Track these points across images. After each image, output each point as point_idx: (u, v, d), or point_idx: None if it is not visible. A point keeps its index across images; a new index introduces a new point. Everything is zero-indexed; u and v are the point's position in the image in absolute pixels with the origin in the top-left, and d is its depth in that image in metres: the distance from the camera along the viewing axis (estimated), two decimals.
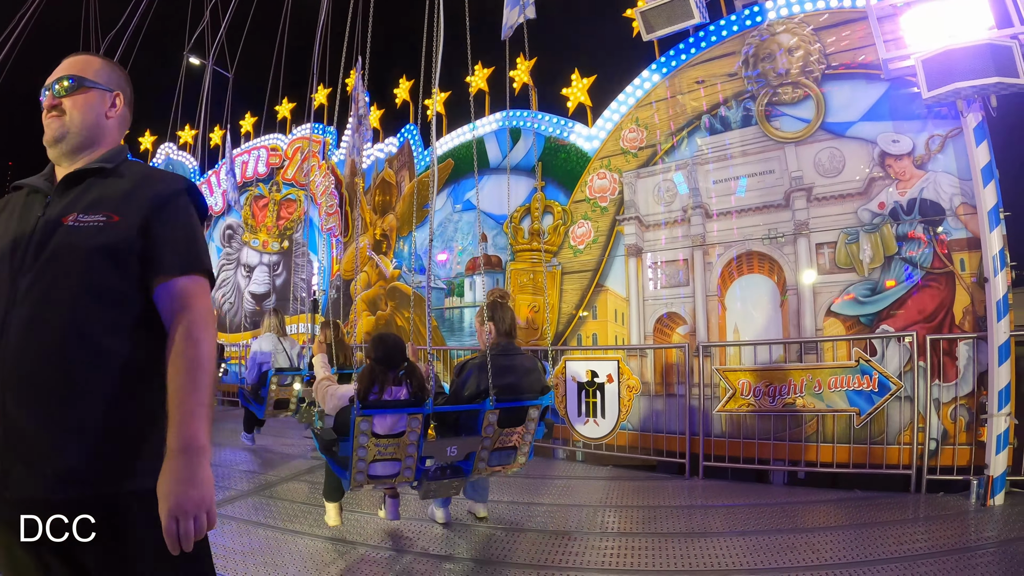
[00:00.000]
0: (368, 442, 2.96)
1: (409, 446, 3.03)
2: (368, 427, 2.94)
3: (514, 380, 3.31)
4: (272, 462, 5.99)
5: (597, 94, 6.61)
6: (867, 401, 4.85)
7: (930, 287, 4.88)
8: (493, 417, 3.10)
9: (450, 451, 3.13)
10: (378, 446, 3.00)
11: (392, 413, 3.10)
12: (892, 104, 5.15)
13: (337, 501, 3.82)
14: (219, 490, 5.04)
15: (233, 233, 9.78)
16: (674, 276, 5.88)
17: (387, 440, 3.04)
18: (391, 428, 3.11)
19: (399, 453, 3.04)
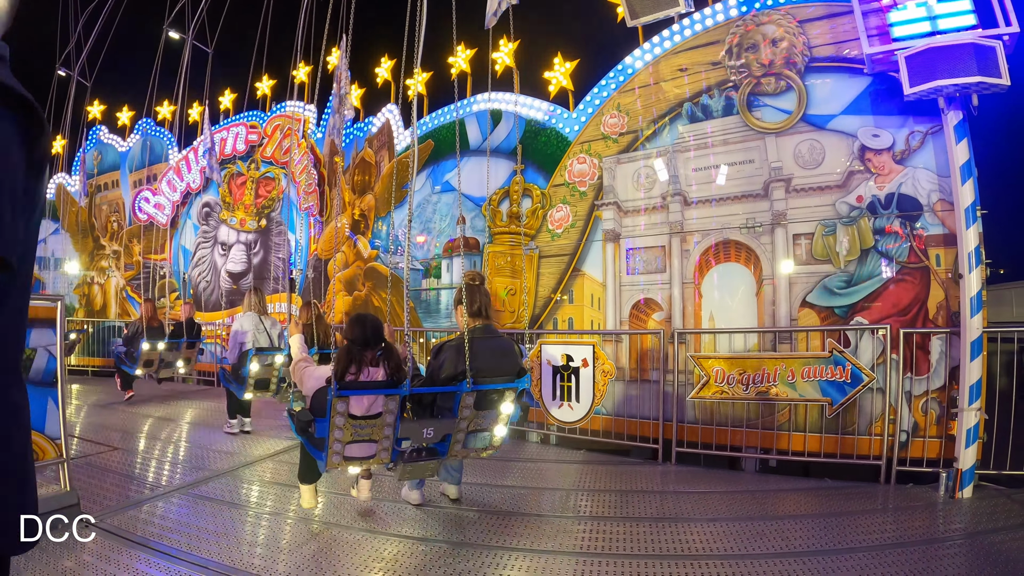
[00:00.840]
0: (344, 423, 2.87)
1: (386, 427, 2.95)
2: (345, 408, 2.85)
3: (490, 363, 3.21)
4: (249, 442, 5.66)
5: (579, 78, 6.32)
6: (839, 392, 4.70)
7: (905, 281, 4.73)
8: (470, 399, 3.01)
9: (426, 433, 3.06)
10: (355, 427, 2.91)
11: (369, 394, 3.02)
12: (874, 99, 4.97)
13: (312, 483, 3.68)
14: (194, 470, 4.78)
15: (210, 211, 9.26)
16: (651, 262, 5.66)
17: (364, 421, 2.95)
18: (368, 409, 3.02)
19: (375, 434, 2.95)
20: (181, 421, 6.62)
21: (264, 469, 4.82)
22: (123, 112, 10.27)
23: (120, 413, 6.95)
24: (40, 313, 3.56)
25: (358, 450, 3.00)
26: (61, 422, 3.58)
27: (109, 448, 5.32)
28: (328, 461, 2.95)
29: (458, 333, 3.27)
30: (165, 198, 9.48)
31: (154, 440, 5.76)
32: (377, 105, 7.92)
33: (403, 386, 2.95)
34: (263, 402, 7.30)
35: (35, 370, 3.45)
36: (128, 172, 10.11)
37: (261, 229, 8.72)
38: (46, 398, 3.50)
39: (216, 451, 5.36)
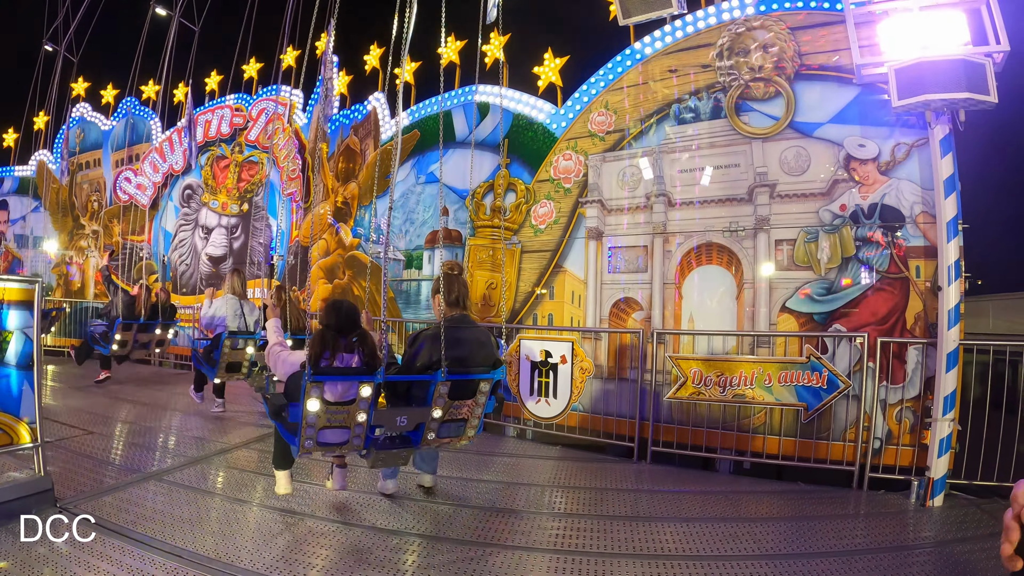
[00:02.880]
0: (318, 408, 2.77)
1: (359, 414, 2.86)
2: (319, 393, 2.75)
3: (466, 353, 3.09)
4: (224, 429, 5.30)
5: (569, 75, 6.00)
6: (815, 397, 4.56)
7: (884, 291, 4.60)
8: (444, 389, 2.91)
9: (400, 421, 2.95)
10: (328, 413, 2.81)
11: (343, 380, 2.92)
12: (862, 109, 4.81)
13: (287, 469, 3.54)
14: (168, 456, 4.45)
15: (192, 193, 8.73)
16: (633, 262, 5.45)
17: (337, 407, 2.84)
18: (341, 396, 2.92)
19: (348, 421, 2.85)
20: (156, 406, 6.14)
21: (238, 457, 4.47)
22: (107, 90, 9.68)
23: (96, 396, 6.49)
24: (17, 295, 3.29)
25: (331, 436, 2.89)
26: (36, 406, 3.31)
27: (84, 432, 4.89)
28: (301, 446, 2.84)
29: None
30: (147, 179, 9.05)
31: (129, 425, 5.33)
32: (364, 92, 7.55)
33: (377, 373, 2.83)
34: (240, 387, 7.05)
35: (11, 352, 3.22)
36: (111, 151, 9.58)
37: (243, 213, 8.35)
38: (22, 381, 3.27)
39: (191, 437, 4.99)
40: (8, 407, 3.19)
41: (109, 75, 9.70)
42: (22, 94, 8.98)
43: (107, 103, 9.86)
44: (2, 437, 3.14)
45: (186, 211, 8.91)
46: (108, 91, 9.80)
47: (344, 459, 3.64)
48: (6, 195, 10.61)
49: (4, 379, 3.19)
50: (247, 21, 7.23)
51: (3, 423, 3.18)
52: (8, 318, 3.24)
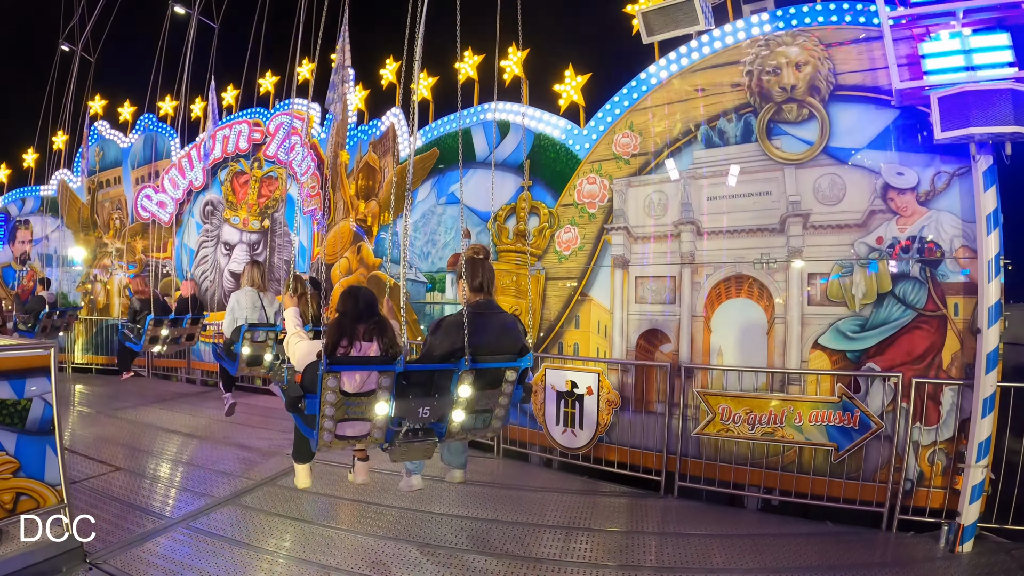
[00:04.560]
0: (336, 400, 2.72)
1: (378, 405, 2.80)
2: (336, 384, 2.70)
3: (491, 340, 3.01)
4: (251, 461, 5.64)
5: (591, 93, 6.01)
6: (847, 438, 4.63)
7: (921, 329, 4.59)
8: (468, 377, 2.85)
9: (422, 412, 2.89)
10: (347, 404, 2.77)
11: (361, 370, 2.89)
12: (900, 134, 4.72)
13: (307, 462, 3.66)
14: (196, 496, 4.76)
15: (213, 209, 9.10)
16: (661, 292, 5.52)
17: (356, 399, 2.81)
18: (361, 386, 2.91)
19: (369, 413, 2.81)
20: (183, 433, 6.62)
21: (267, 497, 4.80)
22: (124, 107, 10.00)
23: (121, 423, 6.94)
24: (33, 362, 3.48)
25: (351, 429, 2.87)
26: (61, 469, 3.55)
27: (112, 468, 5.28)
28: (319, 439, 2.83)
29: None
30: (167, 196, 9.32)
31: (156, 458, 5.74)
32: (381, 108, 7.65)
33: (397, 362, 2.78)
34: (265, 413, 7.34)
35: (31, 420, 3.39)
36: (130, 169, 9.92)
37: (264, 229, 8.58)
38: (44, 446, 3.44)
39: (219, 472, 5.34)
40: (34, 473, 3.38)
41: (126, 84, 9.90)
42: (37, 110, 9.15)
43: (125, 120, 10.13)
44: (29, 502, 3.34)
45: (207, 227, 9.19)
46: (125, 108, 9.99)
47: (366, 451, 3.68)
48: (28, 215, 10.97)
49: (27, 446, 3.37)
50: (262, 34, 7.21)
51: (30, 489, 3.39)
52: (26, 386, 3.40)
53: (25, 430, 3.36)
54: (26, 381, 3.40)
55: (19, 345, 3.61)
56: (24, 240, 10.90)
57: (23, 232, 10.93)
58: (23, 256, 10.76)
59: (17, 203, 11.29)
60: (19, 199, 11.28)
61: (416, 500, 4.79)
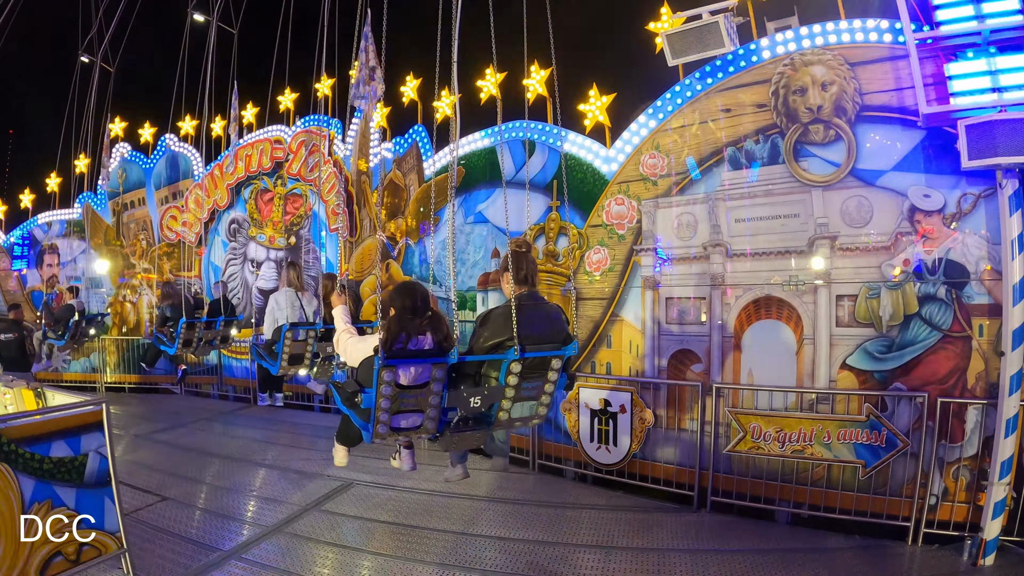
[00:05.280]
0: (391, 393, 2.92)
1: (432, 397, 3.02)
2: (392, 378, 2.90)
3: (537, 330, 3.21)
4: (292, 484, 6.16)
5: (616, 113, 6.33)
6: (874, 455, 5.06)
7: (946, 350, 4.96)
8: (517, 367, 3.04)
9: (473, 402, 3.10)
10: (401, 397, 2.97)
11: (417, 363, 3.04)
12: (927, 155, 5.01)
13: (349, 446, 3.97)
14: (244, 525, 5.20)
15: (239, 227, 9.61)
16: (691, 313, 5.92)
17: (410, 391, 3.01)
18: (415, 379, 3.07)
19: (422, 404, 3.03)
20: (220, 455, 7.15)
21: (314, 524, 5.25)
22: (145, 128, 10.44)
23: (158, 447, 7.45)
24: (87, 419, 3.84)
25: (404, 420, 3.06)
26: (119, 516, 3.84)
27: (158, 498, 5.71)
28: (374, 432, 3.01)
29: None
30: (192, 215, 9.80)
31: (201, 485, 6.22)
32: (404, 125, 7.99)
33: (451, 354, 2.99)
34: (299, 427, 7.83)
35: (88, 474, 3.69)
36: (154, 189, 10.42)
37: (291, 246, 9.05)
38: (102, 497, 3.78)
39: (262, 498, 5.83)
40: (94, 524, 3.75)
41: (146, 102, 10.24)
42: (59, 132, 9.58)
43: (146, 142, 10.51)
44: (91, 551, 3.71)
45: (233, 245, 9.68)
46: (146, 129, 10.39)
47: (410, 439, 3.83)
48: (55, 238, 11.51)
49: (86, 499, 3.73)
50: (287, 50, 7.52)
51: (92, 539, 3.72)
52: (82, 443, 3.77)
53: (84, 484, 3.69)
54: (81, 438, 3.75)
55: (73, 405, 3.98)
56: (51, 264, 11.50)
57: (50, 256, 11.53)
58: (51, 280, 11.36)
59: (43, 227, 11.89)
60: (44, 223, 11.88)
61: (458, 521, 5.30)
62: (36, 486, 3.55)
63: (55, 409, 4.00)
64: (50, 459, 3.65)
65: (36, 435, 3.63)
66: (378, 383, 2.88)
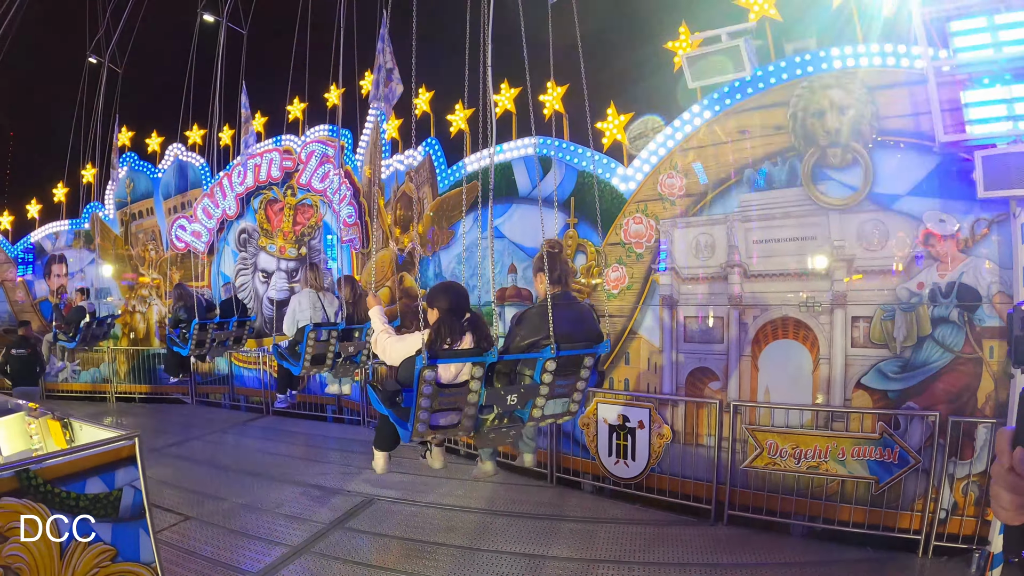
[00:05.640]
0: (432, 392, 3.08)
1: (470, 395, 3.17)
2: (433, 377, 3.05)
3: (571, 329, 3.40)
4: (313, 501, 6.43)
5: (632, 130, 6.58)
6: (887, 471, 5.37)
7: (957, 370, 5.25)
8: (552, 365, 3.22)
9: (510, 400, 3.28)
10: (441, 396, 3.13)
11: (457, 362, 3.22)
12: (942, 180, 5.24)
13: (388, 450, 4.18)
14: (271, 545, 5.43)
15: (248, 237, 9.76)
16: (709, 332, 6.19)
17: (450, 390, 3.18)
18: (454, 377, 3.28)
19: (460, 403, 3.19)
20: (238, 470, 7.40)
21: (345, 543, 5.52)
22: (152, 138, 10.51)
23: (176, 463, 7.69)
24: (121, 453, 3.81)
25: (443, 419, 3.23)
26: (154, 548, 4.10)
27: (181, 518, 5.93)
28: (413, 430, 3.16)
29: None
30: (201, 225, 9.94)
31: (219, 502, 6.43)
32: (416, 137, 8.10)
33: (490, 353, 3.14)
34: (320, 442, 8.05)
35: (124, 508, 3.74)
36: (162, 199, 10.52)
37: (301, 257, 9.22)
38: (137, 530, 3.80)
39: (285, 516, 6.06)
40: (130, 556, 3.80)
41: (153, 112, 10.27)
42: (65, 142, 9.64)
43: (153, 151, 10.57)
44: None
45: (243, 255, 9.80)
46: (153, 139, 10.46)
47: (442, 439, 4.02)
48: (62, 249, 11.60)
49: (122, 533, 3.77)
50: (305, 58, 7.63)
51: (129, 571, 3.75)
52: (116, 478, 3.77)
53: (119, 519, 3.72)
54: (116, 473, 3.76)
55: (106, 441, 4.15)
56: (59, 274, 11.62)
57: (58, 267, 11.64)
58: (60, 290, 11.49)
59: (50, 238, 11.98)
60: (52, 233, 11.96)
61: (482, 538, 5.60)
62: (73, 524, 3.56)
63: (89, 446, 4.12)
64: (86, 496, 3.70)
65: (71, 473, 3.66)
66: (419, 382, 3.03)
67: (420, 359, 3.01)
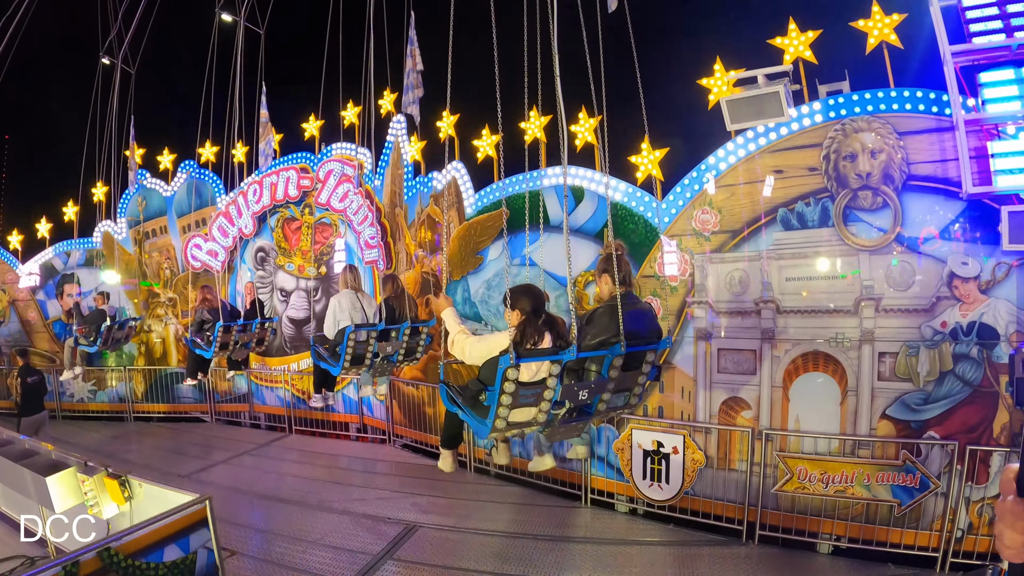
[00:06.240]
0: (514, 390, 3.31)
1: (547, 391, 3.43)
2: (516, 376, 3.27)
3: (637, 327, 3.68)
4: (354, 527, 6.84)
5: (668, 165, 6.95)
6: (908, 495, 6.06)
7: (975, 403, 5.91)
8: (619, 361, 3.46)
9: (581, 395, 3.55)
10: (521, 394, 3.37)
11: (541, 360, 3.48)
12: (966, 225, 5.82)
13: (454, 448, 4.51)
14: None
15: (266, 256, 9.96)
16: (742, 364, 6.76)
17: (529, 387, 3.42)
18: (534, 375, 3.52)
19: (537, 399, 3.45)
20: (273, 498, 7.76)
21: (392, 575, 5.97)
22: (164, 155, 10.52)
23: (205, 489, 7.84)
24: (194, 517, 4.27)
25: (520, 415, 3.48)
26: None
27: (227, 553, 6.04)
28: (493, 427, 3.38)
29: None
30: (218, 244, 10.08)
31: (262, 534, 6.77)
32: (439, 159, 8.36)
33: (569, 351, 3.36)
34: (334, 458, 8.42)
35: (199, 569, 4.07)
36: (175, 217, 10.59)
37: (322, 276, 9.48)
38: None
39: (331, 548, 6.42)
40: None
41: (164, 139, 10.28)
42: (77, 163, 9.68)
43: (165, 169, 10.61)
44: None
45: (261, 274, 10.00)
46: (165, 156, 10.48)
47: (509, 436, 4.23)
48: (75, 268, 11.61)
49: None
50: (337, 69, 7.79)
51: None
52: (191, 542, 4.22)
53: None
54: (190, 538, 4.20)
55: (181, 507, 4.50)
56: (71, 294, 11.64)
57: (70, 286, 11.66)
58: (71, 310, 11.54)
59: (62, 256, 11.98)
60: (63, 252, 11.96)
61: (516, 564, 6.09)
62: None
63: (165, 516, 4.40)
64: (164, 564, 4.06)
65: (149, 544, 4.01)
66: (502, 381, 3.27)
67: (505, 359, 3.25)
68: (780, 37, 6.36)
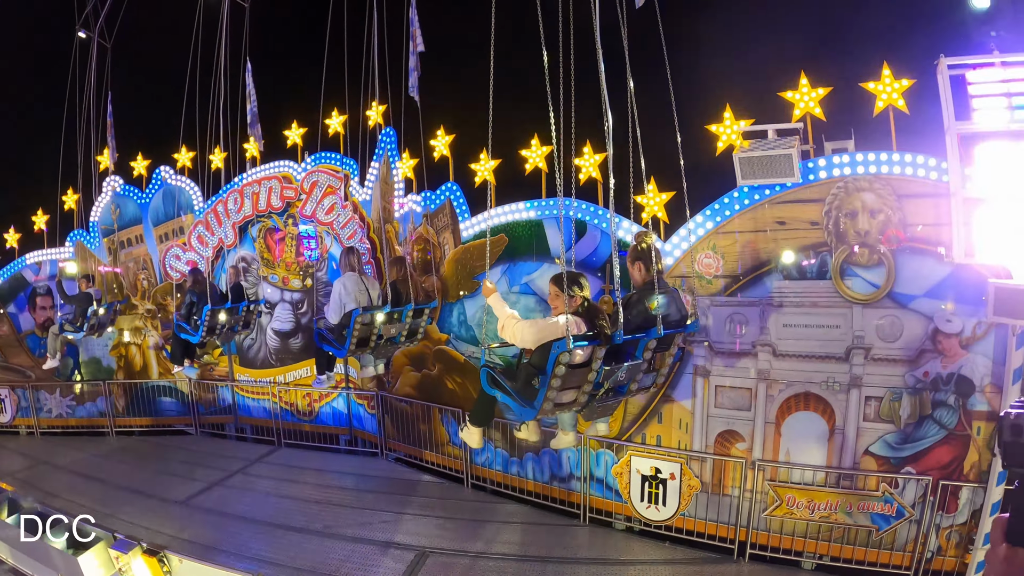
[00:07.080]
0: (565, 373, 3.66)
1: (590, 373, 3.80)
2: (568, 359, 3.62)
3: (669, 310, 4.18)
4: (364, 555, 7.52)
5: (672, 207, 7.42)
6: (885, 522, 7.12)
7: (950, 444, 6.90)
8: (653, 343, 3.91)
9: (619, 375, 3.93)
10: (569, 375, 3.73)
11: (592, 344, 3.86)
12: (954, 287, 6.59)
13: (483, 426, 4.99)
14: None
15: (247, 266, 9.99)
16: (738, 400, 7.57)
17: (576, 370, 3.77)
18: (584, 358, 3.85)
19: (581, 380, 3.81)
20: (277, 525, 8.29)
21: None
22: (138, 161, 10.17)
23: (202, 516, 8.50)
24: None
25: (565, 397, 3.85)
26: None
27: None
28: (541, 409, 3.75)
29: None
30: (197, 254, 10.03)
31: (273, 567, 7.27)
32: (432, 179, 8.47)
33: (617, 335, 3.77)
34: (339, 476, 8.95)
35: None
36: (152, 226, 10.38)
37: (307, 288, 9.66)
38: None
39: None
40: None
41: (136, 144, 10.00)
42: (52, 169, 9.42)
43: (139, 175, 10.31)
44: None
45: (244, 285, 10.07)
46: (139, 161, 10.20)
47: None
48: (47, 281, 11.33)
49: None
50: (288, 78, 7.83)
51: None
52: None
53: None
54: None
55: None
56: (45, 306, 11.41)
57: (43, 299, 11.40)
58: (46, 323, 11.34)
59: (33, 268, 11.63)
60: (35, 263, 11.61)
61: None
62: None
63: None
64: None
65: None
66: (555, 365, 3.63)
67: (560, 343, 3.63)
68: (791, 91, 6.77)
